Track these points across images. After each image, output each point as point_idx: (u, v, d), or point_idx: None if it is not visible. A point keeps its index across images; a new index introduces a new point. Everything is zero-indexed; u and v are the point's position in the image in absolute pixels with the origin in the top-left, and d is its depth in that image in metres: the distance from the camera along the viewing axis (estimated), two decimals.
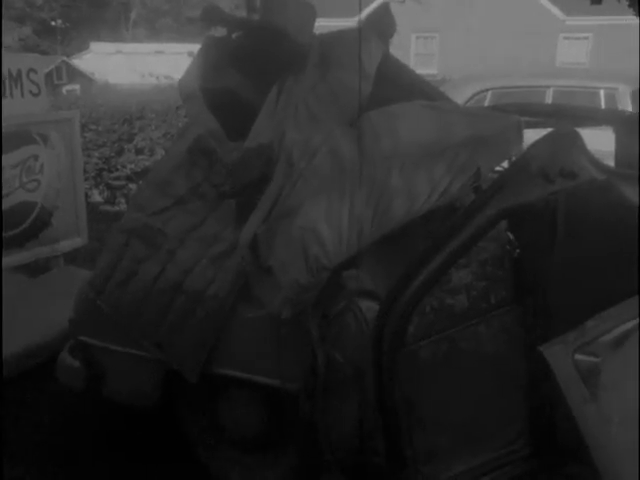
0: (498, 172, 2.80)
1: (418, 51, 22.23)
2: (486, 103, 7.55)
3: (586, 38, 20.77)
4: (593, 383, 2.13)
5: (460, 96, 7.77)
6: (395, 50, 3.63)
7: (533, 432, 2.44)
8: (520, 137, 2.81)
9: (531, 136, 2.37)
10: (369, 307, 2.53)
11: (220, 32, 3.51)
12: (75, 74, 25.45)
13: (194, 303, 2.84)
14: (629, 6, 8.21)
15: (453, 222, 2.20)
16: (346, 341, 2.58)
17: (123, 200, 8.44)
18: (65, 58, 26.79)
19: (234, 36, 3.41)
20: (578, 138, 2.26)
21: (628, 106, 7.36)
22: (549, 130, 2.33)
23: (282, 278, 2.62)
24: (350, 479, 2.75)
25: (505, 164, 2.94)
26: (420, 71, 3.89)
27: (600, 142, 4.11)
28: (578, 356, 2.13)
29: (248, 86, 3.27)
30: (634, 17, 8.08)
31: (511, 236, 2.24)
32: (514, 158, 2.64)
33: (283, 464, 3.04)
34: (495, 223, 2.20)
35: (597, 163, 2.25)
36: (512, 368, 2.36)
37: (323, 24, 4.48)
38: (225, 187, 3.01)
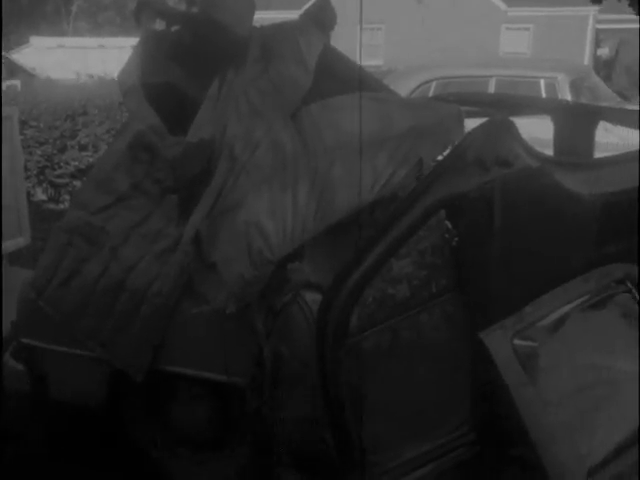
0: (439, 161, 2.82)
1: (364, 42, 22.33)
2: (430, 93, 7.61)
3: (527, 29, 21.13)
4: (531, 367, 2.19)
5: (405, 87, 7.82)
6: (341, 42, 3.63)
7: (477, 417, 2.48)
8: (461, 126, 2.85)
9: (472, 125, 2.40)
10: (314, 299, 2.53)
11: (161, 25, 3.47)
12: (15, 69, 24.77)
13: (138, 301, 2.80)
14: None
15: (392, 212, 2.23)
16: (292, 334, 2.59)
17: (68, 198, 8.26)
18: (4, 53, 26.07)
19: (173, 29, 3.37)
20: (512, 127, 2.30)
21: (567, 95, 7.52)
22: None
23: (226, 273, 2.61)
24: (302, 472, 2.76)
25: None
26: (366, 62, 3.89)
27: (540, 130, 4.20)
28: (517, 341, 2.18)
29: (188, 80, 3.24)
30: (573, 8, 8.25)
31: (450, 225, 2.26)
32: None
33: (235, 460, 3.04)
34: (433, 212, 2.23)
35: (531, 151, 2.30)
36: (455, 355, 2.40)
37: (263, 16, 4.46)
38: (167, 182, 2.98)
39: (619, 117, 3.94)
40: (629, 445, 2.16)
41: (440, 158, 2.96)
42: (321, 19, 3.32)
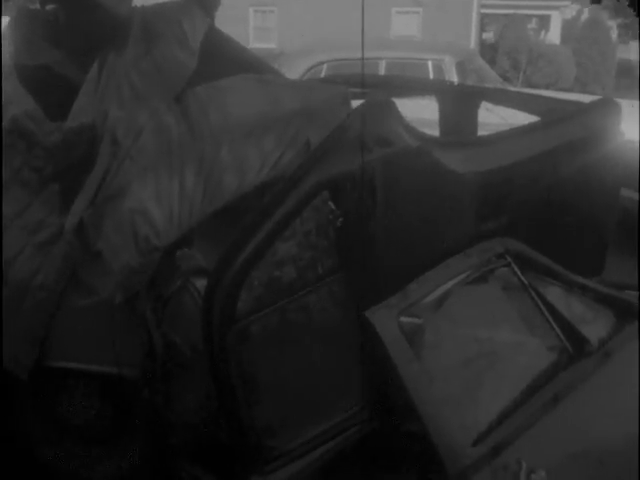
0: None
1: (256, 25, 22.08)
2: (322, 75, 7.65)
3: (417, 12, 21.52)
4: (417, 343, 2.24)
5: (296, 69, 7.83)
6: (233, 24, 3.58)
7: (369, 395, 2.52)
8: (347, 107, 2.87)
9: None
10: (204, 285, 2.49)
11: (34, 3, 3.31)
12: None
13: (20, 295, 2.68)
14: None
15: (275, 194, 2.22)
16: (183, 321, 2.54)
17: None
18: None
19: (48, 8, 3.21)
20: (393, 107, 2.33)
21: (454, 77, 7.74)
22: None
23: (112, 262, 2.54)
24: (199, 460, 2.73)
25: None
26: (259, 45, 3.86)
27: (427, 111, 4.30)
28: (402, 319, 2.23)
29: (66, 62, 3.09)
30: None
31: (333, 205, 2.27)
32: None
33: (130, 453, 2.97)
34: (317, 193, 2.23)
35: (412, 130, 2.34)
36: (344, 335, 2.42)
37: None
38: (47, 171, 2.84)
39: (500, 98, 4.09)
40: (511, 413, 2.25)
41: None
42: (204, 0, 3.25)
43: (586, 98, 3.33)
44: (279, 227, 2.20)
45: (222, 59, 3.18)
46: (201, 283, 2.54)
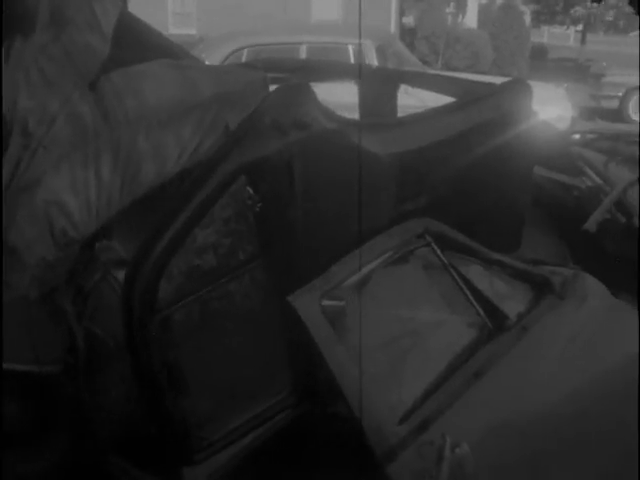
0: None
1: (176, 10, 21.71)
2: (243, 61, 7.59)
3: None
4: (340, 325, 2.26)
5: (217, 55, 7.76)
6: (151, 9, 3.50)
7: (295, 380, 2.53)
8: (266, 92, 2.85)
9: None
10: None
11: None
12: None
13: None
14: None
15: (191, 182, 2.19)
16: (104, 314, 2.49)
17: None
18: None
19: None
20: (309, 90, 2.33)
21: (374, 60, 7.81)
22: None
23: (27, 257, 2.45)
24: (126, 455, 2.69)
25: None
26: (178, 31, 3.79)
27: (348, 95, 4.31)
28: (324, 302, 2.25)
29: None
30: None
31: (251, 191, 2.25)
32: None
33: (56, 452, 2.90)
34: (234, 179, 2.21)
35: (328, 113, 2.34)
36: (269, 321, 2.41)
37: None
38: None
39: (418, 81, 4.15)
40: (434, 390, 2.30)
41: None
42: None
43: (502, 80, 3.40)
44: (197, 214, 2.17)
45: (137, 45, 3.10)
46: (122, 274, 2.48)
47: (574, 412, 2.50)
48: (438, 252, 2.49)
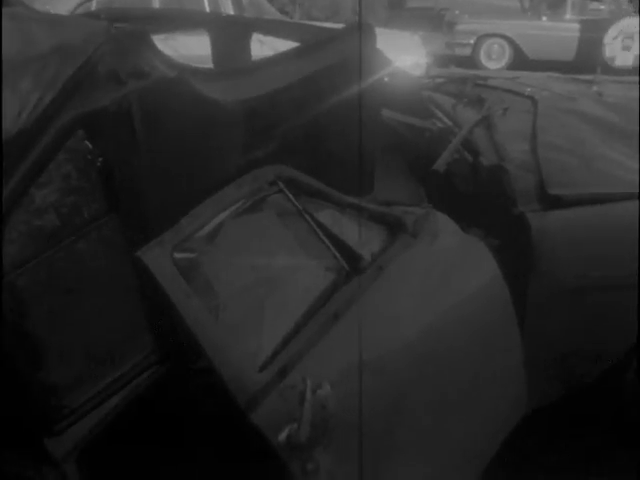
0: None
1: None
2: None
3: None
4: (194, 278, 2.22)
5: (65, 4, 7.37)
6: None
7: (156, 338, 2.48)
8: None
9: None
10: None
11: None
12: None
13: None
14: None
15: (22, 138, 2.05)
16: None
17: None
18: None
19: None
20: (147, 37, 2.23)
21: (230, 10, 7.66)
22: None
23: None
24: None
25: None
26: None
27: (202, 47, 4.20)
28: (176, 254, 2.20)
29: None
30: None
31: (90, 145, 2.15)
32: None
33: None
34: (69, 133, 2.09)
35: (168, 61, 2.25)
36: (122, 279, 2.32)
37: None
38: None
39: (270, 28, 4.09)
40: (294, 335, 2.32)
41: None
42: None
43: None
44: (32, 173, 2.03)
45: None
46: None
47: (431, 347, 2.60)
48: (291, 198, 2.48)
